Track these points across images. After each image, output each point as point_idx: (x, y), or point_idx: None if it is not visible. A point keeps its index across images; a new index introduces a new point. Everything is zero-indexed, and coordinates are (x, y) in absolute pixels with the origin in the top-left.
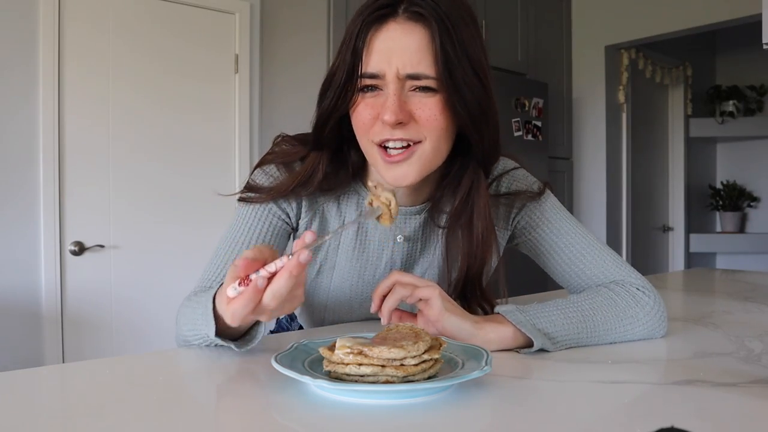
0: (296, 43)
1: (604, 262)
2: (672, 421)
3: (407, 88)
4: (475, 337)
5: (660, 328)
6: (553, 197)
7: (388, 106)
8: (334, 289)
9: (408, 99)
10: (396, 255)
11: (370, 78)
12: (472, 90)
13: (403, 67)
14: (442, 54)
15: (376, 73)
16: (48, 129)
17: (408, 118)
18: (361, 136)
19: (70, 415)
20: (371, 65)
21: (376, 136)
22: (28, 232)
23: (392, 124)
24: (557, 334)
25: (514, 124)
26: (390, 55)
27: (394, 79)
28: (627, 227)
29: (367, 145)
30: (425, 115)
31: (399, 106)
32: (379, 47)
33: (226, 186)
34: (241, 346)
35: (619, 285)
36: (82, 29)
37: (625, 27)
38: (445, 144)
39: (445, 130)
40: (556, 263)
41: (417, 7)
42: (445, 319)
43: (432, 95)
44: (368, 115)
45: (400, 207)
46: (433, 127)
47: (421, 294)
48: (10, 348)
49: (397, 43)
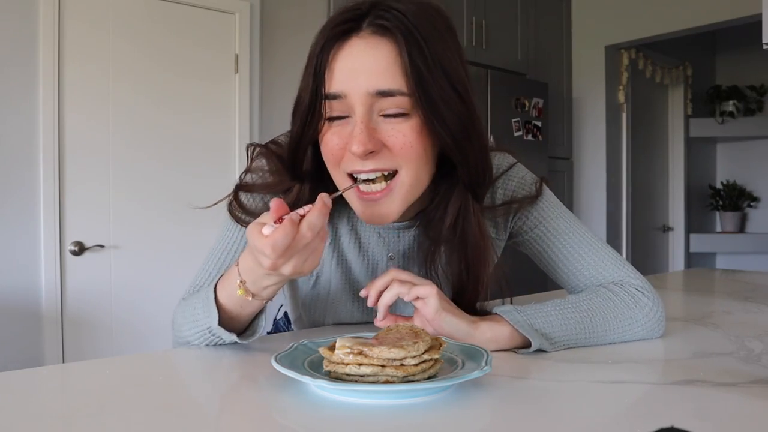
0: (296, 43)
1: (602, 262)
2: (672, 421)
3: (377, 113)
4: (471, 337)
5: (658, 329)
6: (550, 194)
7: (356, 135)
8: (331, 302)
9: (378, 126)
10: None
11: (334, 99)
12: (451, 107)
13: (370, 84)
14: (412, 69)
15: (339, 93)
16: (48, 129)
17: (379, 146)
18: (332, 167)
19: (70, 415)
20: (334, 85)
21: (347, 167)
22: (28, 232)
23: (361, 155)
24: (555, 335)
25: (514, 124)
26: (355, 74)
27: (361, 101)
28: (627, 227)
29: (339, 177)
30: (399, 142)
31: (368, 134)
32: (341, 66)
33: (225, 186)
34: (244, 339)
35: (618, 285)
36: (82, 29)
37: (625, 27)
38: (425, 171)
39: (423, 156)
40: (554, 263)
41: (381, 20)
42: (442, 318)
43: (405, 120)
44: (336, 145)
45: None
46: (409, 156)
47: (418, 292)
48: (10, 348)
49: (362, 61)
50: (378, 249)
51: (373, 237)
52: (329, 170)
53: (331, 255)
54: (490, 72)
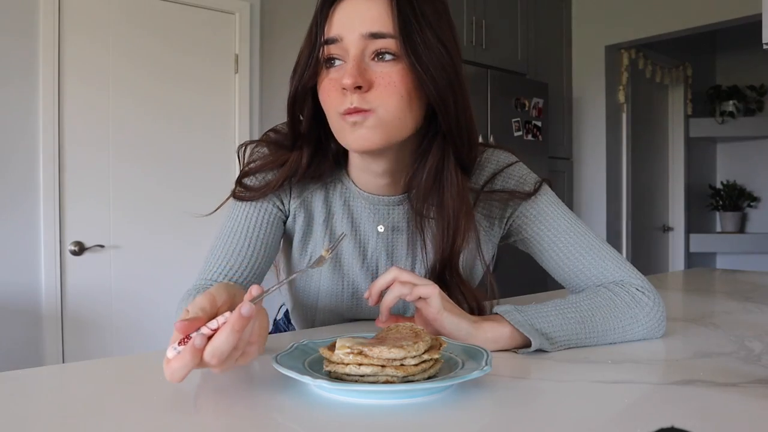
0: (296, 43)
1: (603, 261)
2: (672, 421)
3: (368, 56)
4: (473, 337)
5: (659, 329)
6: (551, 194)
7: (347, 70)
8: (324, 283)
9: (369, 67)
10: (380, 245)
11: (332, 44)
12: (435, 56)
13: (363, 27)
14: (399, 16)
15: (336, 37)
16: (48, 128)
17: (368, 84)
18: (329, 110)
19: (70, 415)
20: (332, 30)
21: (340, 107)
22: (28, 232)
23: (350, 87)
24: (555, 335)
25: (514, 124)
26: (350, 21)
27: (354, 43)
28: (627, 227)
29: (335, 118)
30: (384, 81)
31: (358, 70)
32: (339, 16)
33: (225, 185)
34: None
35: (618, 285)
36: (82, 29)
37: (625, 27)
38: (409, 113)
39: (405, 97)
40: (554, 262)
41: None
42: (444, 318)
43: (393, 63)
44: (333, 88)
45: (382, 197)
46: (391, 92)
47: (420, 292)
48: (10, 348)
49: (357, 11)
50: (369, 222)
51: (365, 212)
52: (328, 117)
53: (323, 232)
54: (490, 72)
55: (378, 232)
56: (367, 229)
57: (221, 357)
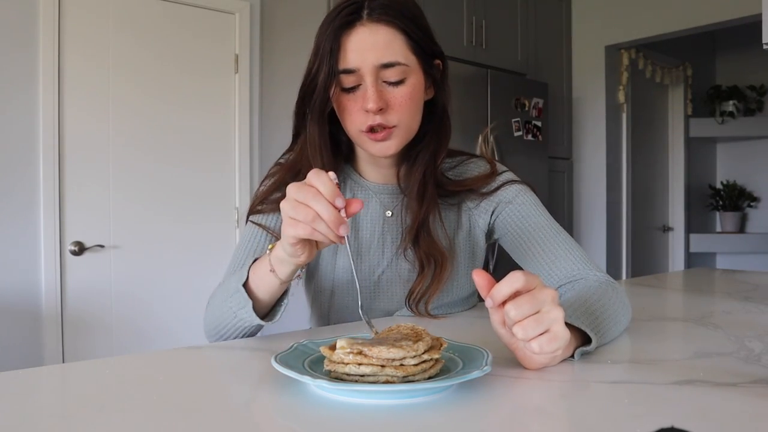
0: (296, 43)
1: (575, 258)
2: (672, 421)
3: (380, 81)
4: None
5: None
6: (533, 196)
7: (370, 96)
8: (339, 268)
9: (384, 89)
10: (386, 230)
11: (350, 74)
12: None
13: (375, 58)
14: (410, 43)
15: (353, 68)
16: (48, 129)
17: (386, 105)
18: (350, 128)
19: (70, 415)
20: (348, 63)
21: (363, 125)
22: (28, 232)
23: (375, 110)
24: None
25: (514, 124)
26: (363, 53)
27: (370, 72)
28: (627, 227)
29: (356, 133)
30: (399, 101)
31: (378, 95)
32: (352, 47)
33: (225, 187)
34: (268, 320)
35: (593, 279)
36: (82, 29)
37: (625, 27)
38: (418, 116)
39: (417, 107)
40: (531, 256)
41: (377, 11)
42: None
43: (402, 86)
44: (354, 110)
45: (387, 185)
46: (407, 108)
47: (548, 317)
48: (10, 348)
49: (368, 42)
50: (376, 208)
51: (373, 200)
52: (348, 131)
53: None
54: (490, 72)
55: (386, 217)
56: (375, 213)
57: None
